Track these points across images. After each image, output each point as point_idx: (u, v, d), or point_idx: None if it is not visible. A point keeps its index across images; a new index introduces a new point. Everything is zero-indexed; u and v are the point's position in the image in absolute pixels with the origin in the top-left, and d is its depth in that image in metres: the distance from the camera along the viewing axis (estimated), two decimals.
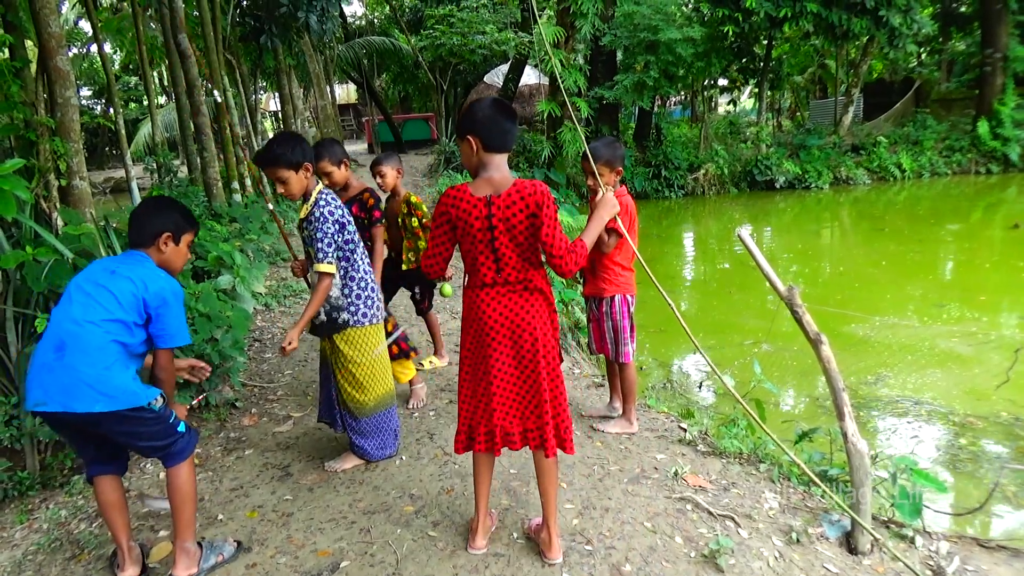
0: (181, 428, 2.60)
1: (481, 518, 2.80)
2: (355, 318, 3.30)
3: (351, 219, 3.30)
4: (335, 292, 3.27)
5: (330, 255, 3.15)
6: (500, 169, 2.48)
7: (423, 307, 4.86)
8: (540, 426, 2.60)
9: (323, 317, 3.28)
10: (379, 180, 4.46)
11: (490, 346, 2.55)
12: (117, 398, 2.37)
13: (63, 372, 2.33)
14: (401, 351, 4.17)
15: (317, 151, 3.78)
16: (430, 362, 5.02)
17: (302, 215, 3.21)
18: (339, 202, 3.25)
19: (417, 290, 4.77)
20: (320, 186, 3.24)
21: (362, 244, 3.37)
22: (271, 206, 4.35)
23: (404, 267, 4.61)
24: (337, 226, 3.18)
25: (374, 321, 3.36)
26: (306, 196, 3.20)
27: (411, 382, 4.35)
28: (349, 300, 3.29)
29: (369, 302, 3.35)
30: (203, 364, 3.13)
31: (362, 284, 3.32)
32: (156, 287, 2.50)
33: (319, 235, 3.12)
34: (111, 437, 2.50)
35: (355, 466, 3.55)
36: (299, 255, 3.65)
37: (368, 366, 3.37)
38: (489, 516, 2.91)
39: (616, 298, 3.71)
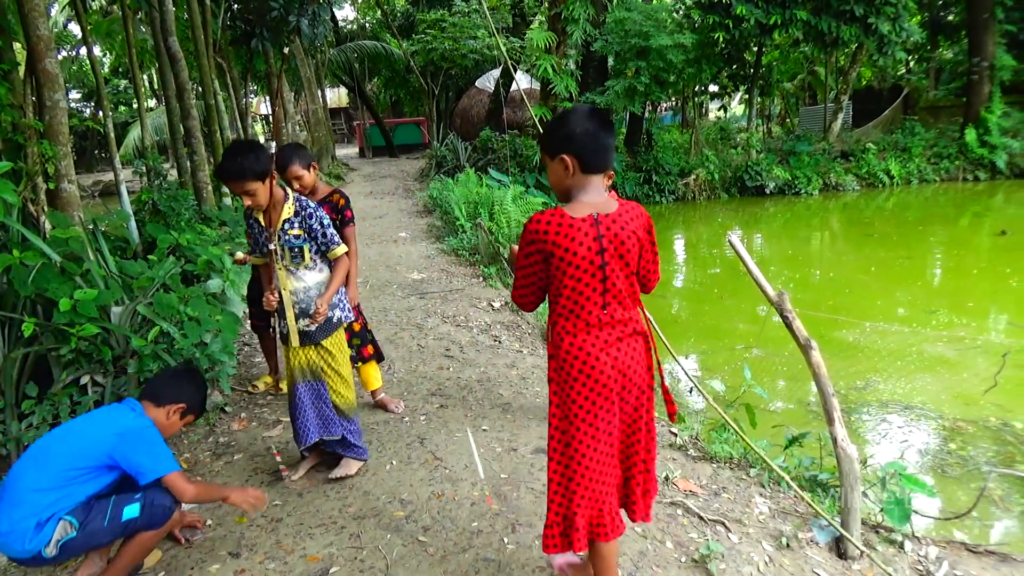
0: (128, 515, 2.48)
1: None
2: (345, 314, 3.39)
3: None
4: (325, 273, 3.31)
5: (337, 238, 3.23)
6: (599, 192, 2.13)
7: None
8: (629, 492, 2.30)
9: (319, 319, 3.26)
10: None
11: (602, 407, 2.15)
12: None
13: None
14: (376, 354, 4.18)
15: (287, 155, 3.78)
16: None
17: (284, 215, 3.14)
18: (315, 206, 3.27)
19: None
20: (289, 190, 3.25)
21: None
22: (241, 254, 4.22)
23: None
24: (327, 219, 3.24)
25: (344, 321, 3.43)
26: (276, 203, 3.14)
27: (373, 393, 4.34)
28: (339, 297, 3.36)
29: (346, 298, 3.48)
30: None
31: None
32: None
33: (325, 221, 3.18)
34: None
35: (359, 470, 3.52)
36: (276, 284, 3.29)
37: (347, 364, 3.44)
38: None
39: None
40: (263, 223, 3.20)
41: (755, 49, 16.83)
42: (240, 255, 4.55)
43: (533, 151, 14.84)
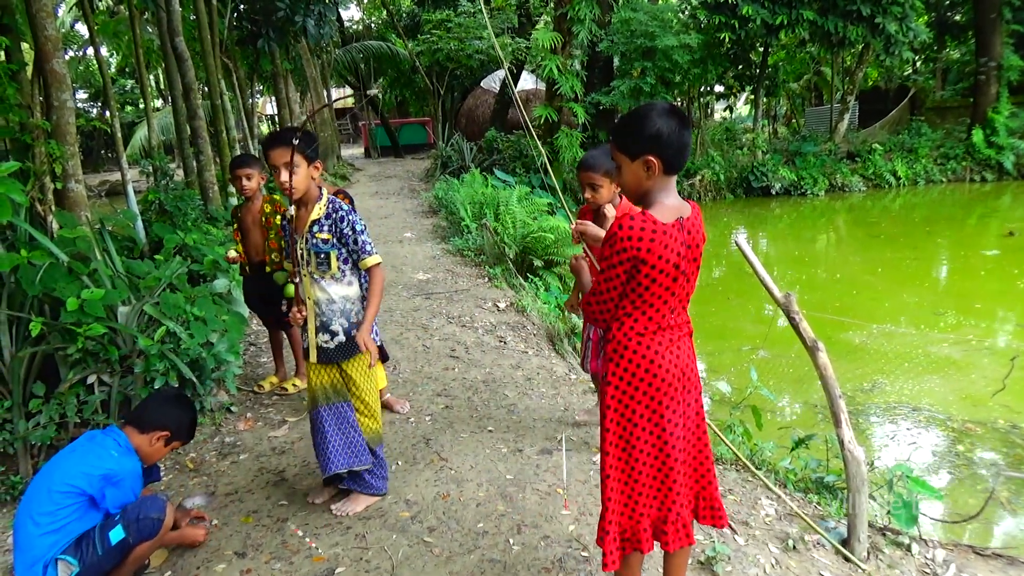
0: (116, 538, 2.50)
1: None
2: (372, 333, 3.09)
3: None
4: (355, 307, 3.04)
5: (371, 246, 2.97)
6: (674, 193, 2.04)
7: (286, 320, 4.39)
8: (710, 494, 2.24)
9: (341, 337, 3.01)
10: (245, 182, 4.29)
11: (668, 407, 2.08)
12: None
13: None
14: (381, 354, 4.13)
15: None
16: (293, 384, 4.73)
17: (313, 216, 2.93)
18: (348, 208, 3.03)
19: (284, 301, 4.45)
20: (325, 189, 3.05)
21: None
22: (234, 253, 4.40)
23: (268, 268, 4.44)
24: (362, 224, 2.98)
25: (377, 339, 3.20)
26: (310, 199, 2.96)
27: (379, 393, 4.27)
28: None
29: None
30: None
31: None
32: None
33: (358, 227, 2.92)
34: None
35: (368, 507, 3.20)
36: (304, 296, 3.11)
37: (373, 392, 3.17)
38: None
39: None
40: (293, 224, 3.02)
41: (761, 49, 16.80)
42: (232, 254, 4.57)
43: (538, 151, 14.82)
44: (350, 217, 2.93)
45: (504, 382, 4.78)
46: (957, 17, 20.46)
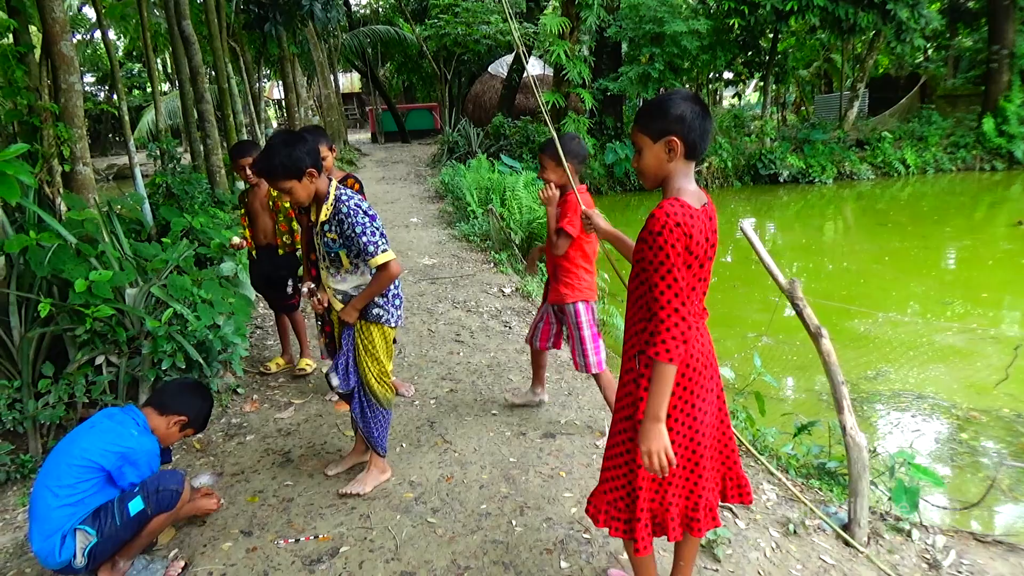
0: (135, 509, 2.55)
1: None
2: (385, 317, 3.08)
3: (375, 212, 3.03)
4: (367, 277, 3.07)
5: (381, 243, 2.89)
6: (694, 181, 2.03)
7: (293, 302, 4.60)
8: (736, 473, 2.26)
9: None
10: (248, 170, 4.25)
11: (699, 395, 2.07)
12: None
13: None
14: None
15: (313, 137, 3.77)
16: (307, 364, 4.75)
17: (322, 217, 2.93)
18: (359, 197, 3.02)
19: (291, 282, 4.52)
20: (335, 182, 2.98)
21: None
22: (238, 239, 4.39)
23: (281, 251, 4.46)
24: (369, 217, 2.92)
25: (396, 324, 3.17)
26: (318, 198, 2.94)
27: None
28: (386, 299, 3.08)
29: (397, 302, 3.15)
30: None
31: (395, 282, 3.13)
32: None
33: (358, 228, 2.85)
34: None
35: (376, 489, 3.25)
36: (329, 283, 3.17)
37: (381, 357, 3.16)
38: None
39: (579, 306, 3.54)
40: (311, 217, 3.02)
41: (771, 36, 16.66)
42: (236, 240, 4.59)
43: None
44: (351, 220, 2.87)
45: (508, 366, 4.80)
46: (970, 4, 20.22)
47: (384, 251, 2.89)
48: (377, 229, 2.92)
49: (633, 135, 2.02)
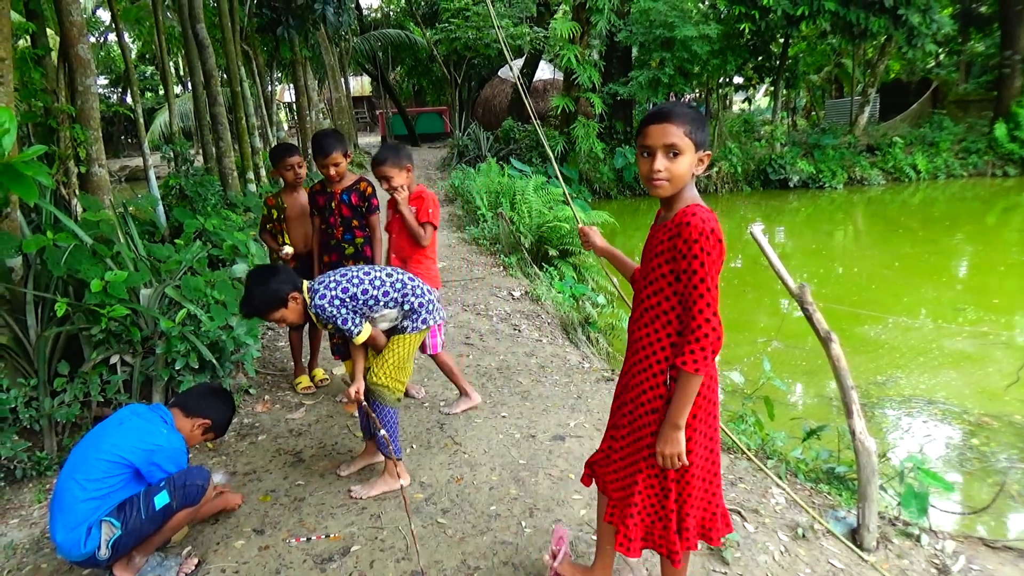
0: (161, 503, 2.57)
1: None
2: (414, 324, 3.16)
3: (371, 287, 3.05)
4: (395, 313, 3.16)
5: (354, 329, 3.02)
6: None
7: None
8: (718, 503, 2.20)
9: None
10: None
11: (717, 404, 2.10)
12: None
13: None
14: None
15: (329, 142, 3.80)
16: (325, 371, 4.76)
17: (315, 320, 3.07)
18: (340, 289, 2.99)
19: None
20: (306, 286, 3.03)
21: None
22: (289, 249, 4.26)
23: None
24: (344, 302, 2.98)
25: (424, 325, 3.20)
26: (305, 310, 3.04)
27: None
28: (412, 312, 3.17)
29: (431, 307, 3.20)
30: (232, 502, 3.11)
31: (418, 292, 3.17)
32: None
33: (339, 322, 2.98)
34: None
35: (384, 493, 3.24)
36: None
37: (398, 360, 3.19)
38: None
39: None
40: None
41: (781, 40, 16.64)
42: (288, 249, 4.35)
43: (555, 141, 14.81)
44: (328, 317, 2.97)
45: (518, 369, 4.82)
46: (982, 9, 20.14)
47: (358, 332, 3.03)
48: (353, 314, 3.01)
49: (673, 135, 1.88)
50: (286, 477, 3.43)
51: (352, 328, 3.01)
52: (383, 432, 3.06)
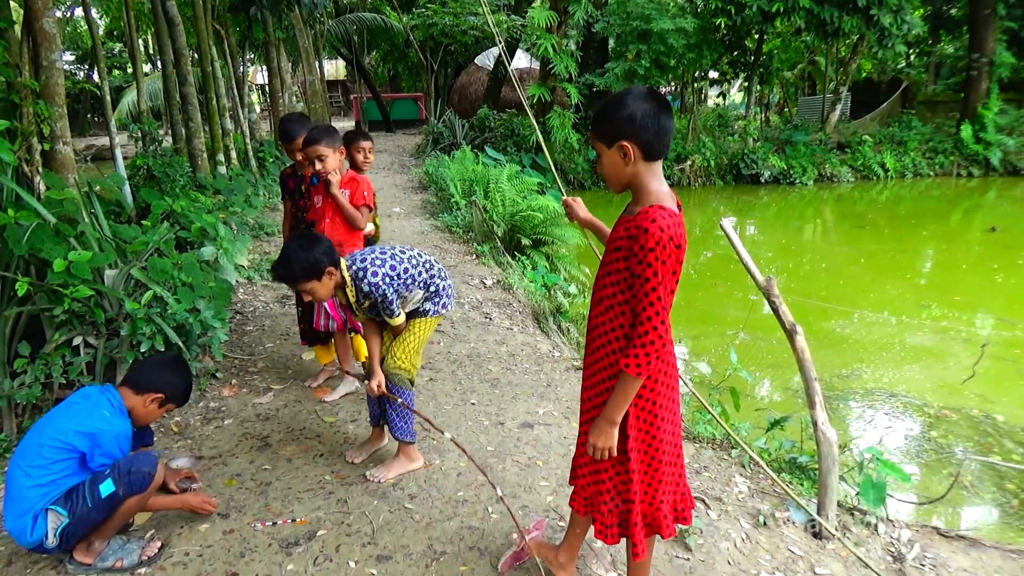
0: (106, 491, 2.51)
1: None
2: (435, 308, 3.17)
3: (410, 266, 3.04)
4: (420, 295, 3.13)
5: (397, 308, 3.00)
6: (664, 181, 1.94)
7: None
8: (684, 487, 2.27)
9: (402, 318, 3.12)
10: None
11: (675, 390, 2.11)
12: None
13: None
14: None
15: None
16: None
17: (351, 300, 3.00)
18: (388, 267, 2.96)
19: None
20: (344, 263, 2.96)
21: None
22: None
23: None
24: (398, 281, 2.97)
25: (444, 309, 3.20)
26: (338, 285, 2.99)
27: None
28: (435, 294, 3.17)
29: (450, 290, 3.23)
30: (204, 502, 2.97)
31: (442, 275, 3.18)
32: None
33: (387, 301, 2.95)
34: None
35: (401, 475, 3.26)
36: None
37: (412, 343, 3.18)
38: None
39: None
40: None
41: (756, 36, 16.80)
42: (371, 227, 4.23)
43: (530, 130, 14.80)
44: (377, 295, 2.93)
45: (488, 357, 4.83)
46: (953, 11, 20.51)
47: (399, 313, 3.02)
48: (396, 294, 2.97)
49: (591, 141, 1.97)
50: (252, 461, 3.40)
51: (395, 308, 2.98)
52: (413, 412, 3.12)
